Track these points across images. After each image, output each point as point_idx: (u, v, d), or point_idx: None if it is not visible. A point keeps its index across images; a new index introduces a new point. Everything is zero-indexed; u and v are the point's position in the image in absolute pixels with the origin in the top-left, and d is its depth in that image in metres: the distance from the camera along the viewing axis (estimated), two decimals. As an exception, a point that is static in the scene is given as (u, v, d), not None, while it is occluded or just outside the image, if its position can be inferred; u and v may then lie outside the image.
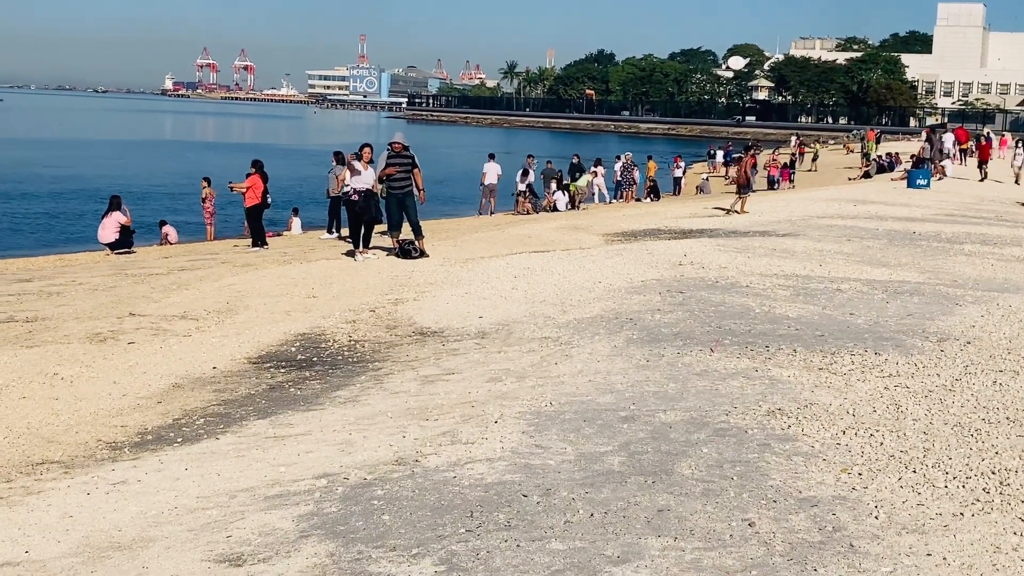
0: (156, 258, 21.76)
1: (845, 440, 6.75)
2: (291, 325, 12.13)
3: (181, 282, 15.97)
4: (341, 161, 23.66)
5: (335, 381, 9.37)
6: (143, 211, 37.43)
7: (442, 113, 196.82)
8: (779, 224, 22.05)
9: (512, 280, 14.47)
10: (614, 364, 9.04)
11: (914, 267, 15.77)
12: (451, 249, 19.41)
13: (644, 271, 14.76)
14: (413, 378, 9.21)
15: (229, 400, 8.84)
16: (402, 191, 17.86)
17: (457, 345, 10.67)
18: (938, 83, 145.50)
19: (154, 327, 12.33)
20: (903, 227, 21.14)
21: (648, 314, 11.35)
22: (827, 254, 16.87)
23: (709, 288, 13.15)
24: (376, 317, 12.49)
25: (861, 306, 12.19)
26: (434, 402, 8.06)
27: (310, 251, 21.45)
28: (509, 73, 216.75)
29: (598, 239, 20.81)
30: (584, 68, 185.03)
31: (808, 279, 14.18)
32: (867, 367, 8.98)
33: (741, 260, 15.82)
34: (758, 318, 11.19)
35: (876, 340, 10.16)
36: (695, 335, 10.22)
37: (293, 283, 15.16)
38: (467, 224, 30.09)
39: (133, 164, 61.60)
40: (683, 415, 7.23)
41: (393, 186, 17.83)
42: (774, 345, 9.76)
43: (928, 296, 13.02)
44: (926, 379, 8.58)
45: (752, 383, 8.26)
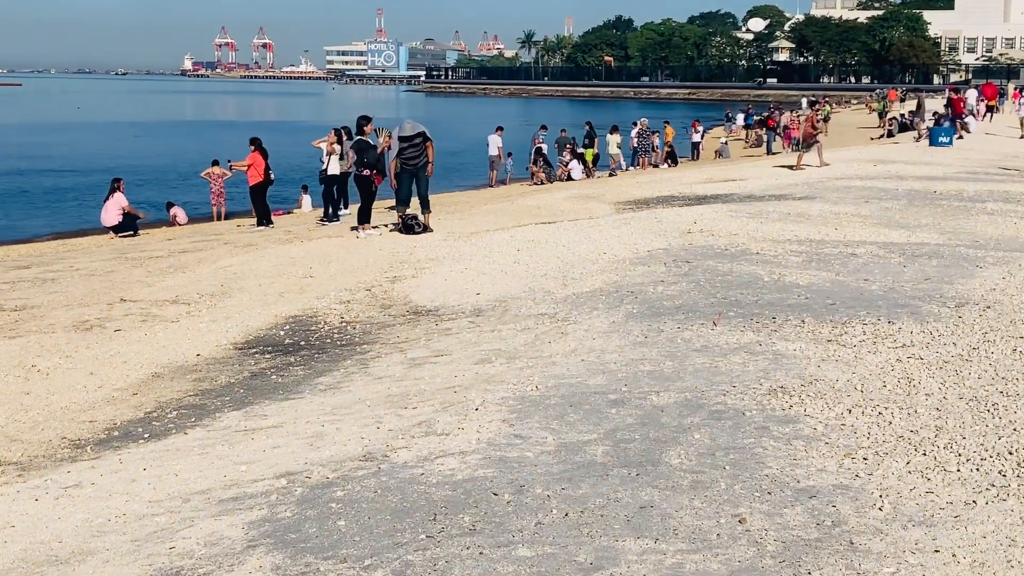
0: (159, 240, 21.42)
1: (851, 420, 6.26)
2: (283, 307, 11.71)
3: (179, 265, 15.58)
4: (349, 136, 23.19)
5: (319, 367, 8.94)
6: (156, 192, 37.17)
7: (460, 85, 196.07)
8: (796, 187, 21.44)
9: (515, 254, 13.99)
10: (610, 341, 8.57)
11: (934, 228, 15.19)
12: (457, 223, 18.95)
13: (651, 240, 14.25)
14: (400, 361, 8.77)
15: (207, 390, 8.42)
16: (415, 166, 17.42)
17: (451, 324, 10.22)
18: (961, 39, 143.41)
19: (143, 313, 11.94)
20: (923, 186, 20.50)
21: (651, 286, 10.85)
22: (843, 217, 16.30)
23: (717, 256, 12.63)
24: (371, 296, 12.06)
25: (876, 271, 11.65)
26: (416, 388, 7.61)
27: (315, 229, 21.04)
28: (527, 42, 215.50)
29: (609, 208, 20.29)
30: (602, 35, 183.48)
31: (822, 244, 13.64)
32: (879, 337, 8.47)
33: (753, 226, 15.27)
34: (767, 287, 10.68)
35: (890, 307, 9.64)
36: (698, 307, 9.72)
37: (291, 263, 14.74)
38: (477, 196, 29.63)
39: (148, 145, 61.35)
40: (677, 396, 6.75)
41: (407, 161, 17.40)
42: (781, 316, 9.26)
43: (947, 258, 12.47)
44: (941, 349, 8.07)
45: (755, 359, 7.76)
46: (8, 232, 27.57)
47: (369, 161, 17.37)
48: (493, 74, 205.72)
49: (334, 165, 21.54)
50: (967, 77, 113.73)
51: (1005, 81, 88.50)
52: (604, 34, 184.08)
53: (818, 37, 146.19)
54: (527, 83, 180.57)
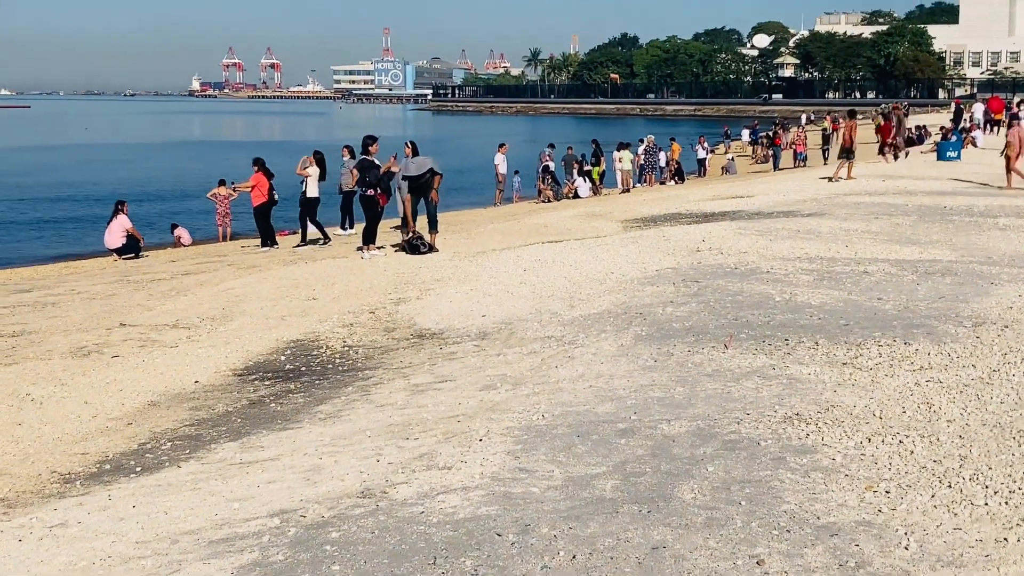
0: (163, 262, 21.22)
1: (871, 449, 5.99)
2: (285, 331, 11.47)
3: (180, 288, 15.37)
4: (353, 155, 22.98)
5: (320, 394, 8.70)
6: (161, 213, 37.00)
7: (467, 103, 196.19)
8: (804, 203, 21.18)
9: (521, 274, 13.75)
10: (618, 366, 8.31)
11: (946, 244, 14.92)
12: (463, 242, 18.73)
13: (660, 259, 14.00)
14: (403, 387, 8.52)
15: (203, 420, 8.17)
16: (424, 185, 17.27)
17: (455, 348, 9.97)
18: (966, 53, 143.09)
19: (143, 338, 11.71)
20: (933, 202, 20.23)
21: (659, 307, 10.60)
22: (854, 234, 16.03)
23: (727, 275, 12.37)
24: (375, 319, 11.82)
25: (890, 289, 11.38)
26: (419, 416, 7.36)
27: (320, 249, 20.82)
28: (533, 60, 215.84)
29: (616, 226, 20.06)
30: (608, 52, 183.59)
31: (833, 262, 13.37)
32: (896, 359, 8.20)
33: (762, 244, 15.01)
34: (778, 307, 10.41)
35: (906, 328, 9.37)
36: (709, 329, 9.46)
37: (294, 285, 14.51)
38: (484, 215, 29.40)
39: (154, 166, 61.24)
40: (689, 425, 6.49)
41: (415, 181, 17.25)
42: (794, 338, 8.99)
43: (961, 276, 12.19)
44: (960, 371, 7.80)
45: (768, 384, 7.50)
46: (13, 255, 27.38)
47: (371, 180, 17.17)
48: (499, 92, 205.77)
49: (312, 187, 21.32)
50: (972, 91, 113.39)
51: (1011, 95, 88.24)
52: (610, 52, 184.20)
53: (823, 53, 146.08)
54: (533, 101, 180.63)
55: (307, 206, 21.36)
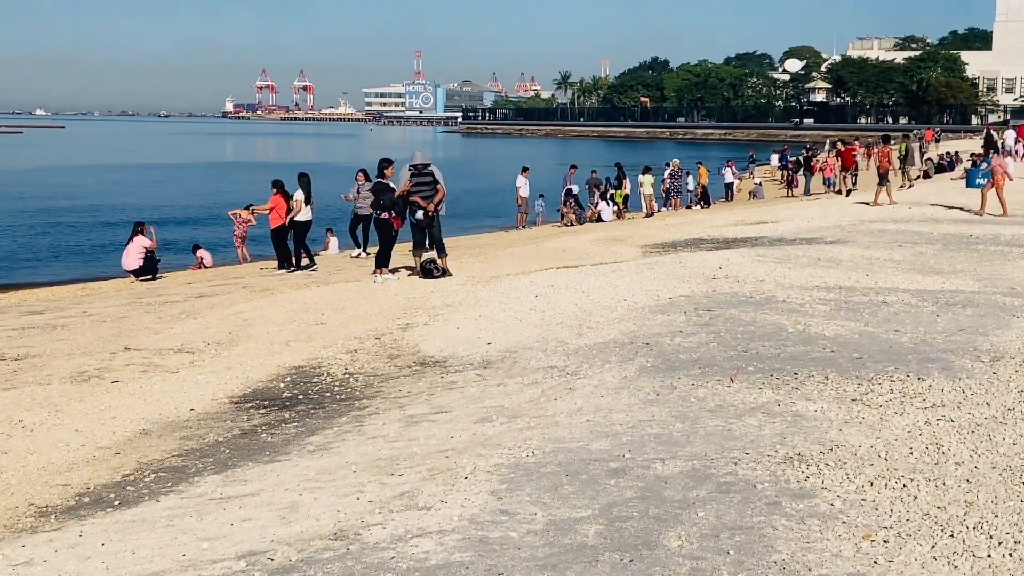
0: (179, 284, 21.11)
1: (872, 494, 5.71)
2: (288, 357, 11.28)
3: (191, 311, 15.23)
4: (368, 179, 22.94)
5: (313, 424, 8.48)
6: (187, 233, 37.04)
7: (497, 126, 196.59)
8: (828, 230, 20.86)
9: (532, 300, 13.52)
10: (619, 399, 8.04)
11: (969, 274, 14.57)
12: (479, 266, 18.54)
13: (674, 287, 13.73)
14: (397, 419, 8.29)
15: (192, 450, 7.97)
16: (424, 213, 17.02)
17: (456, 377, 9.74)
18: (999, 79, 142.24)
19: (145, 363, 11.55)
20: (959, 230, 19.86)
21: (668, 337, 10.33)
22: (875, 262, 15.71)
23: (741, 305, 12.09)
24: (380, 345, 11.61)
25: (908, 321, 11.07)
26: (408, 451, 7.12)
27: (337, 272, 20.68)
28: (563, 83, 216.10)
29: (636, 251, 19.82)
30: (638, 76, 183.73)
31: (852, 291, 13.07)
32: (907, 396, 7.90)
33: (781, 272, 14.72)
34: (790, 339, 10.12)
35: (921, 362, 9.06)
36: (716, 361, 9.18)
37: (304, 309, 14.34)
38: (504, 238, 29.23)
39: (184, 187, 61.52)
40: (684, 465, 6.22)
41: (416, 206, 17.00)
42: (804, 371, 8.70)
43: (983, 307, 11.86)
44: (974, 409, 7.49)
45: (772, 421, 7.21)
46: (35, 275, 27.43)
47: (386, 203, 16.98)
48: (529, 115, 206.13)
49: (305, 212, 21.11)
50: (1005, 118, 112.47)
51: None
52: (640, 75, 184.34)
53: (855, 78, 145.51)
54: (563, 124, 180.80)
55: (294, 230, 21.15)
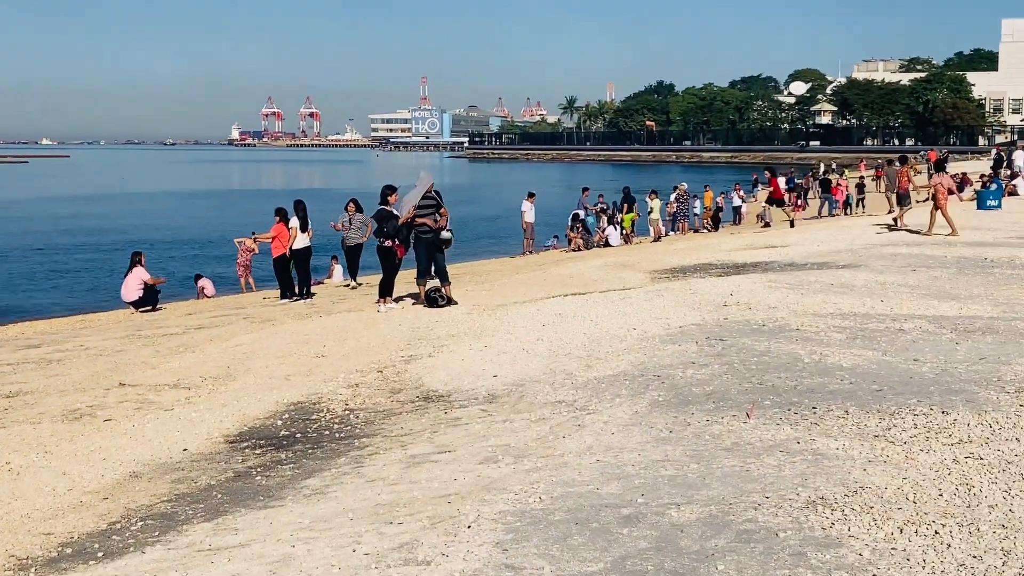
0: (179, 315, 20.80)
1: (903, 542, 5.33)
2: (286, 392, 10.93)
3: (189, 344, 14.90)
4: (359, 209, 22.73)
5: (311, 465, 8.11)
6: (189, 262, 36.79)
7: (503, 151, 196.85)
8: (839, 254, 20.49)
9: (539, 329, 13.17)
10: (630, 437, 7.67)
11: (987, 299, 14.18)
12: (484, 294, 18.19)
13: (684, 314, 13.37)
14: (399, 459, 7.92)
15: (183, 494, 7.60)
16: (431, 234, 16.68)
17: (461, 413, 9.37)
18: (1006, 100, 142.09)
19: (140, 399, 11.21)
20: (974, 253, 19.48)
21: (679, 369, 9.96)
22: (890, 287, 15.33)
23: (754, 333, 11.72)
24: (382, 379, 11.25)
25: (927, 349, 10.69)
26: (409, 495, 6.75)
27: (340, 301, 20.36)
28: (569, 108, 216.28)
29: (644, 277, 19.45)
30: (644, 100, 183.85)
31: (867, 318, 12.69)
32: (932, 431, 7.53)
33: (793, 298, 14.35)
34: (807, 370, 9.75)
35: (943, 394, 8.69)
36: (730, 395, 8.81)
37: (305, 341, 14.00)
38: (511, 264, 28.89)
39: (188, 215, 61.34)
40: (701, 511, 5.84)
41: (421, 230, 16.66)
42: (823, 405, 8.33)
43: (1003, 334, 11.47)
44: (1003, 445, 7.11)
45: (792, 460, 6.84)
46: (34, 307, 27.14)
47: (389, 231, 16.63)
48: (535, 139, 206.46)
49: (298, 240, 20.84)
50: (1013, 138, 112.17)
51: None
52: (646, 99, 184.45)
53: (860, 100, 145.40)
54: (569, 148, 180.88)
55: (294, 258, 20.92)
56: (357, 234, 22.91)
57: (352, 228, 23.03)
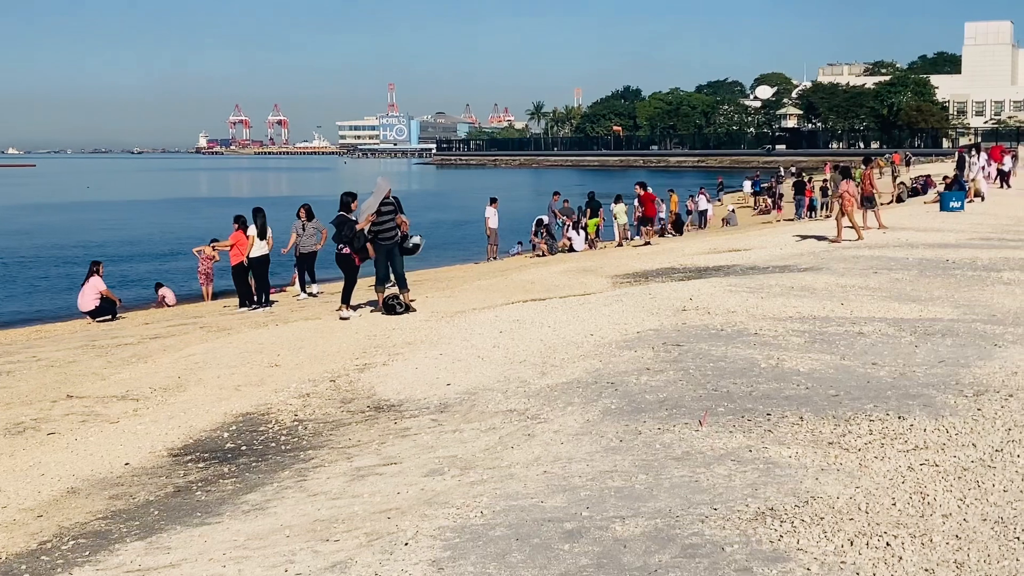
0: (136, 324, 20.44)
1: (852, 555, 5.17)
2: (236, 403, 10.68)
3: (143, 354, 14.59)
4: (310, 216, 22.36)
5: (253, 479, 7.88)
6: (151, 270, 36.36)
7: (471, 157, 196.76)
8: (801, 257, 20.41)
9: (496, 336, 12.98)
10: (579, 447, 7.49)
11: (947, 301, 14.11)
12: (444, 300, 17.96)
13: (642, 320, 13.22)
14: (343, 472, 7.71)
15: (119, 512, 7.36)
16: (390, 241, 16.44)
17: (411, 423, 9.16)
18: (969, 103, 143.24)
19: (86, 412, 10.93)
20: (935, 255, 19.44)
21: (634, 376, 9.79)
22: (850, 290, 15.24)
23: (712, 338, 11.57)
24: (334, 388, 11.03)
25: (885, 353, 10.57)
26: (349, 511, 6.54)
27: (299, 309, 20.07)
28: (536, 114, 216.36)
29: (606, 282, 19.29)
30: (611, 105, 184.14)
31: (827, 321, 12.58)
32: (888, 437, 7.39)
33: (753, 302, 14.22)
34: (763, 375, 9.60)
35: (900, 398, 8.56)
36: (684, 402, 8.64)
37: (259, 350, 13.74)
38: (474, 270, 28.68)
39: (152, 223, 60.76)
40: (646, 524, 5.66)
41: (381, 236, 16.40)
42: (777, 412, 8.18)
43: (963, 336, 11.38)
44: (959, 452, 6.97)
45: (743, 469, 6.67)
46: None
47: (347, 236, 16.32)
48: (503, 145, 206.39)
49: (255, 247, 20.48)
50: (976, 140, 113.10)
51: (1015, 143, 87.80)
52: (613, 104, 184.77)
53: (826, 103, 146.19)
54: (537, 154, 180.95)
55: (253, 266, 20.58)
56: (310, 241, 22.53)
57: (305, 235, 22.59)
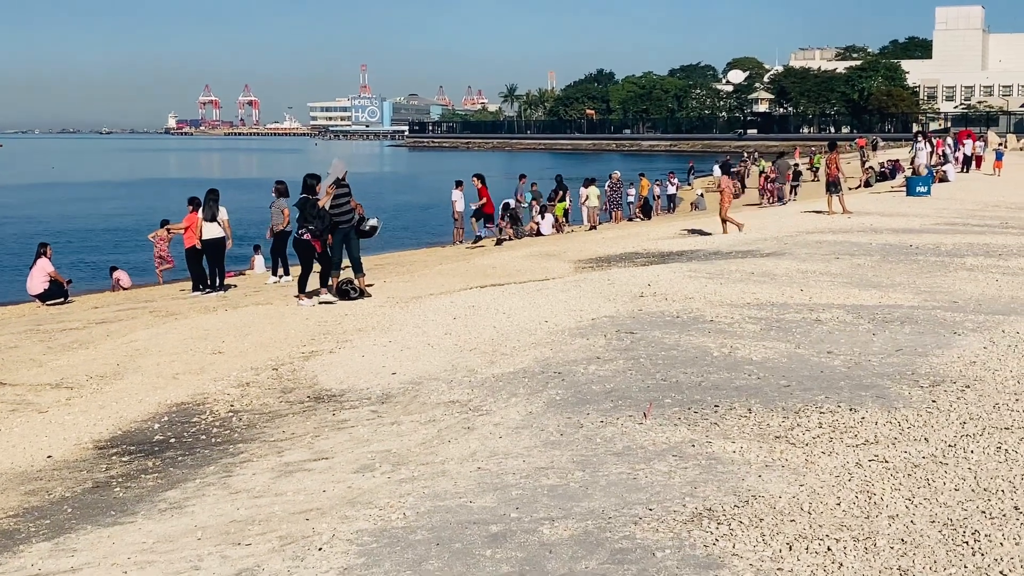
0: (85, 308, 19.97)
1: (790, 561, 4.86)
2: (171, 393, 10.29)
3: (85, 340, 14.17)
4: (283, 193, 21.73)
5: (176, 474, 7.51)
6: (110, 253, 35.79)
7: (444, 139, 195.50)
8: (765, 242, 20.16)
9: (449, 323, 12.63)
10: (518, 441, 7.16)
11: (908, 287, 13.87)
12: (402, 285, 17.60)
13: (599, 306, 12.90)
14: (270, 467, 7.35)
15: (30, 509, 6.98)
16: (346, 224, 16.04)
17: (349, 414, 8.81)
18: (940, 88, 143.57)
19: (16, 401, 10.52)
20: (899, 240, 19.22)
21: (583, 365, 9.46)
22: (811, 276, 14.98)
23: (666, 326, 11.26)
24: (276, 377, 10.66)
25: (842, 341, 10.30)
26: (268, 511, 6.18)
27: (254, 293, 19.65)
28: (510, 96, 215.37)
29: (568, 267, 18.99)
30: (584, 88, 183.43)
31: (785, 308, 12.30)
32: (837, 431, 7.09)
33: (712, 288, 13.93)
34: (714, 364, 9.30)
35: (854, 389, 8.27)
36: (631, 393, 8.32)
37: (203, 336, 13.33)
38: (437, 254, 28.32)
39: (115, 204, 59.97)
40: (576, 527, 5.33)
41: (337, 219, 15.98)
42: (725, 403, 7.87)
43: (922, 324, 11.12)
44: (911, 447, 6.68)
45: (684, 466, 6.36)
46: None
47: (310, 215, 15.75)
48: (476, 128, 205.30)
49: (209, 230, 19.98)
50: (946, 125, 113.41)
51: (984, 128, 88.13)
52: (586, 88, 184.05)
53: (797, 88, 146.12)
54: (510, 137, 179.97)
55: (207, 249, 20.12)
56: (274, 220, 21.73)
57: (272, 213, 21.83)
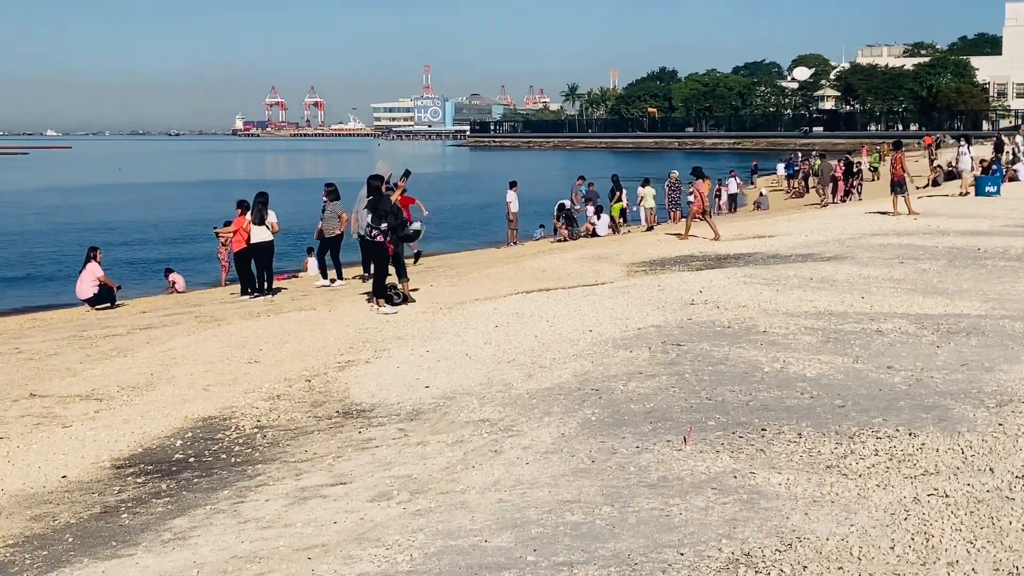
0: (133, 313, 19.78)
1: (834, 619, 4.32)
2: (199, 406, 9.94)
3: (125, 347, 13.91)
4: (335, 196, 21.26)
5: (188, 499, 7.11)
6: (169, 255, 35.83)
7: (505, 139, 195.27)
8: (826, 245, 19.45)
9: (490, 331, 12.17)
10: (546, 468, 6.66)
11: (975, 294, 13.15)
12: (448, 290, 17.17)
13: (647, 315, 12.35)
14: (285, 493, 6.92)
15: (32, 537, 6.62)
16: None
17: (376, 432, 8.37)
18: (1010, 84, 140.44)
19: (44, 413, 10.23)
20: (967, 243, 18.41)
21: (623, 381, 8.94)
22: (873, 282, 14.30)
23: (716, 337, 10.70)
24: (307, 389, 10.28)
25: (903, 354, 9.67)
26: (274, 545, 5.75)
27: (302, 298, 19.31)
28: (571, 95, 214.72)
29: (619, 270, 18.43)
30: (646, 87, 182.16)
31: (844, 318, 11.67)
32: (894, 459, 6.51)
33: (767, 295, 13.32)
34: (764, 381, 8.73)
35: (914, 410, 7.67)
36: (672, 414, 7.79)
37: (241, 344, 13.00)
38: (488, 256, 27.90)
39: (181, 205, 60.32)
40: (598, 574, 4.83)
41: None
42: (774, 426, 7.31)
43: (989, 335, 10.45)
44: (974, 478, 6.09)
45: (723, 501, 5.82)
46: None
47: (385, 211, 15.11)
48: (537, 127, 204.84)
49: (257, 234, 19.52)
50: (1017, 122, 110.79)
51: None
52: (648, 86, 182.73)
53: (864, 85, 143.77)
54: (571, 136, 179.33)
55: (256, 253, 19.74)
56: (328, 225, 21.19)
57: (324, 217, 21.31)
